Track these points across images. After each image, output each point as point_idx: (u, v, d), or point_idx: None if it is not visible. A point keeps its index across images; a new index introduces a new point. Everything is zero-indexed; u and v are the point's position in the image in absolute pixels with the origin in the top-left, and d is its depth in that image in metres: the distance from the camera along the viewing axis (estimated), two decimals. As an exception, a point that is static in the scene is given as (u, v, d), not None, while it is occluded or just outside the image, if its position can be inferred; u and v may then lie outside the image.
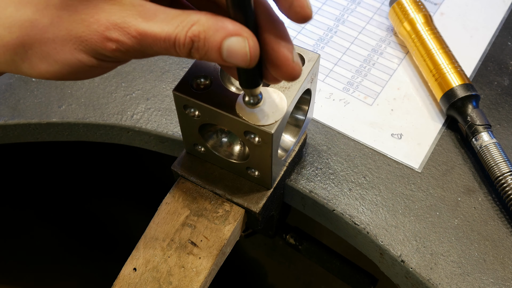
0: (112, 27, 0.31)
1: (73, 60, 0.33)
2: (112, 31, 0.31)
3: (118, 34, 0.31)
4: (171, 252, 0.44)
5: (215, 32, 0.31)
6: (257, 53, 0.32)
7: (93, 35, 0.31)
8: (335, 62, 0.61)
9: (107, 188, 0.88)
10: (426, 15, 0.58)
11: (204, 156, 0.47)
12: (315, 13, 0.65)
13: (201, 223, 0.45)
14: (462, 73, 0.54)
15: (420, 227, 0.49)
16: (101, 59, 0.33)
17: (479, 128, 0.51)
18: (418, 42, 0.57)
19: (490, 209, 0.50)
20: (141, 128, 0.55)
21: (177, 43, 0.32)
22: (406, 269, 0.47)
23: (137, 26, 0.31)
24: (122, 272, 0.43)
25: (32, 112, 0.57)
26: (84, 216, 0.87)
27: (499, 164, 0.48)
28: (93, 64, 0.33)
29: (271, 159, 0.41)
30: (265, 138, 0.38)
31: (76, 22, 0.32)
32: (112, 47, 0.32)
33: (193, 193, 0.47)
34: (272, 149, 0.40)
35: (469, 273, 0.46)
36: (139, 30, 0.31)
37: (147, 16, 0.32)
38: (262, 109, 0.38)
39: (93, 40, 0.32)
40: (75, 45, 0.32)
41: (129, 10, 0.32)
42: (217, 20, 0.31)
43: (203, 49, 0.32)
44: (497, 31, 0.62)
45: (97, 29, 0.31)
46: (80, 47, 0.32)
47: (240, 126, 0.39)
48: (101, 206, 0.88)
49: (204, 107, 0.39)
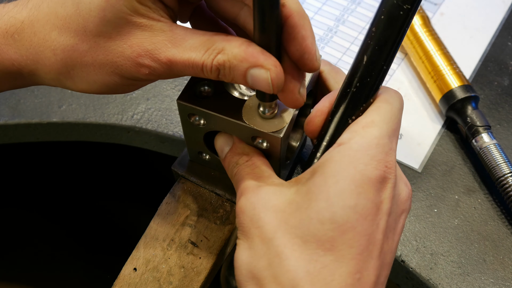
0: (144, 53, 0.34)
1: (110, 81, 0.36)
2: (144, 58, 0.34)
3: (149, 61, 0.34)
4: (171, 252, 0.44)
5: (239, 62, 0.33)
6: (280, 83, 0.34)
7: (127, 61, 0.34)
8: (335, 62, 0.61)
9: (107, 188, 0.88)
10: (424, 16, 0.58)
11: (209, 164, 0.46)
12: (315, 13, 0.65)
13: (201, 223, 0.45)
14: (460, 75, 0.54)
15: (420, 227, 0.49)
16: (135, 80, 0.36)
17: (479, 129, 0.51)
18: (416, 43, 0.57)
19: (490, 209, 0.50)
20: (141, 128, 0.55)
21: (205, 69, 0.34)
22: (406, 269, 0.47)
23: (166, 53, 0.34)
24: (122, 272, 0.43)
25: (33, 112, 0.57)
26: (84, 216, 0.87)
27: (499, 165, 0.48)
28: (128, 84, 0.36)
29: (279, 162, 0.41)
30: (274, 142, 0.38)
31: (111, 48, 0.34)
32: (145, 72, 0.34)
33: (194, 193, 0.47)
34: (281, 153, 0.39)
35: (469, 273, 0.46)
36: (168, 57, 0.34)
37: (176, 42, 0.34)
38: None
39: (127, 66, 0.34)
40: (111, 69, 0.35)
41: (159, 36, 0.34)
42: (241, 49, 0.33)
43: (230, 76, 0.34)
44: (497, 31, 0.62)
45: (130, 55, 0.34)
46: (116, 71, 0.35)
47: (248, 131, 0.38)
48: (101, 206, 0.88)
49: (210, 114, 0.39)
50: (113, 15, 0.33)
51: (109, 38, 0.34)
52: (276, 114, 0.38)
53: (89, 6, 0.34)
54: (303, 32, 0.33)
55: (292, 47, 0.34)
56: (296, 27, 0.33)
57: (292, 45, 0.34)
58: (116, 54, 0.34)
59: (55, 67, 0.36)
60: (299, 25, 0.33)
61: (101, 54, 0.35)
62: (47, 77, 0.37)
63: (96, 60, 0.35)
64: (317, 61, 0.35)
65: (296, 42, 0.33)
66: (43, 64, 0.36)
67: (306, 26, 0.34)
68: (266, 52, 0.33)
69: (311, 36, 0.34)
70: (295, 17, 0.33)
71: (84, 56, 0.35)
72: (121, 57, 0.34)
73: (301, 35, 0.33)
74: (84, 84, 0.36)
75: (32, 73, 0.37)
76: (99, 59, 0.35)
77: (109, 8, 0.33)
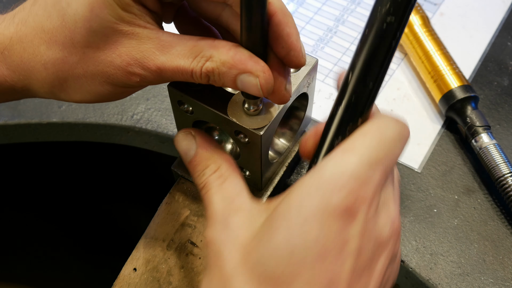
0: (133, 62, 0.34)
1: (103, 91, 0.36)
2: (134, 66, 0.34)
3: (139, 69, 0.34)
4: (171, 252, 0.44)
5: (228, 69, 0.33)
6: (270, 87, 0.34)
7: (118, 71, 0.34)
8: (335, 62, 0.61)
9: (107, 189, 0.88)
10: (423, 16, 0.58)
11: None
12: (315, 13, 0.65)
13: (201, 223, 0.45)
14: (460, 75, 0.54)
15: (420, 227, 0.49)
16: (127, 87, 0.36)
17: (478, 130, 0.51)
18: (416, 44, 0.57)
19: (490, 209, 0.50)
20: (141, 128, 0.55)
21: (194, 75, 0.34)
22: (406, 269, 0.47)
23: (155, 61, 0.34)
24: (122, 272, 0.44)
25: (32, 112, 0.57)
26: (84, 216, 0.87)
27: (499, 165, 0.48)
28: (121, 91, 0.37)
29: (261, 160, 0.41)
30: (254, 139, 0.39)
31: (101, 58, 0.34)
32: (136, 80, 0.35)
33: (193, 193, 0.47)
34: (262, 151, 0.40)
35: (469, 273, 0.46)
36: (157, 65, 0.34)
37: (164, 49, 0.34)
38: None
39: (118, 75, 0.35)
40: (103, 78, 0.35)
41: (146, 43, 0.34)
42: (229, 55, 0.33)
43: (220, 81, 0.34)
44: (497, 31, 0.62)
45: (120, 65, 0.34)
46: (108, 81, 0.35)
47: (231, 125, 0.39)
48: (101, 206, 0.88)
49: (197, 104, 0.40)
50: (98, 25, 0.33)
51: (97, 49, 0.34)
52: (261, 111, 0.39)
53: (74, 18, 0.33)
54: (288, 30, 0.33)
55: (278, 44, 0.34)
56: (281, 25, 0.33)
57: (277, 42, 0.34)
58: (106, 64, 0.34)
59: (47, 81, 0.36)
60: (283, 22, 0.33)
61: (91, 65, 0.35)
62: (41, 91, 0.37)
63: (87, 71, 0.35)
64: (303, 58, 0.35)
65: (282, 40, 0.33)
66: (36, 78, 0.36)
67: (290, 24, 0.34)
68: (254, 56, 0.33)
69: (296, 33, 0.34)
70: (279, 15, 0.33)
71: (74, 68, 0.35)
72: (111, 67, 0.34)
73: (286, 32, 0.33)
74: (78, 95, 0.37)
75: (25, 88, 0.37)
76: (89, 70, 0.35)
77: (94, 18, 0.33)
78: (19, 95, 0.39)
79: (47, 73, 0.36)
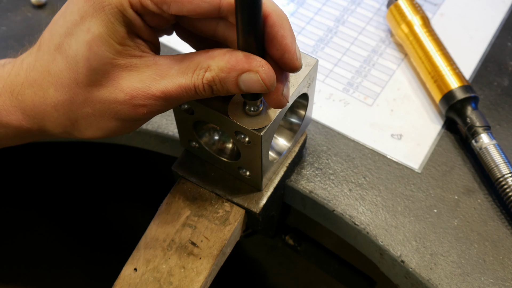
0: (136, 94, 0.35)
1: (112, 127, 0.37)
2: (138, 98, 0.35)
3: (144, 100, 0.34)
4: (172, 252, 0.44)
5: (227, 74, 0.33)
6: (273, 80, 0.34)
7: (124, 106, 0.35)
8: (335, 62, 0.61)
9: (107, 189, 0.88)
10: (424, 17, 0.58)
11: (198, 153, 0.47)
12: (315, 13, 0.65)
13: (202, 223, 0.45)
14: (460, 75, 0.54)
15: (420, 227, 0.49)
16: (135, 121, 0.37)
17: (478, 130, 0.51)
18: (416, 44, 0.57)
19: (490, 209, 0.50)
20: (141, 128, 0.55)
21: (198, 90, 0.34)
22: (406, 270, 0.47)
23: (157, 86, 0.34)
24: (122, 273, 0.44)
25: (33, 112, 0.56)
26: (85, 216, 0.87)
27: (499, 166, 0.49)
28: (129, 125, 0.37)
29: (261, 160, 0.41)
30: (255, 139, 0.39)
31: (105, 96, 0.35)
32: (144, 112, 0.35)
33: (194, 194, 0.47)
34: (262, 151, 0.40)
35: (469, 273, 0.46)
36: (160, 90, 0.34)
37: (163, 72, 0.34)
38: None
39: (125, 110, 0.35)
40: (111, 115, 0.36)
41: (146, 72, 0.34)
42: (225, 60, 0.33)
43: (223, 89, 0.34)
44: (497, 32, 0.62)
45: (124, 99, 0.35)
46: (116, 116, 0.36)
47: (232, 126, 0.39)
48: (102, 206, 0.88)
49: (197, 104, 0.40)
50: (97, 63, 0.34)
51: (101, 86, 0.35)
52: (261, 112, 0.39)
53: (75, 59, 0.34)
54: (282, 31, 0.33)
55: (273, 46, 0.34)
56: (275, 26, 0.33)
57: (272, 45, 0.34)
58: (111, 101, 0.35)
59: (60, 122, 0.37)
60: (277, 24, 0.33)
61: (97, 103, 0.35)
62: (56, 132, 0.38)
63: (95, 110, 0.36)
64: (297, 61, 0.35)
65: (276, 42, 0.34)
66: (49, 121, 0.37)
67: (285, 25, 0.34)
68: (250, 55, 0.33)
69: (291, 35, 0.34)
70: (273, 16, 0.33)
71: (83, 108, 0.36)
72: (116, 103, 0.35)
73: (280, 34, 0.33)
74: (90, 133, 0.38)
75: (41, 130, 0.39)
76: (97, 109, 0.36)
77: (93, 57, 0.34)
78: (37, 137, 0.40)
79: (58, 114, 0.37)
